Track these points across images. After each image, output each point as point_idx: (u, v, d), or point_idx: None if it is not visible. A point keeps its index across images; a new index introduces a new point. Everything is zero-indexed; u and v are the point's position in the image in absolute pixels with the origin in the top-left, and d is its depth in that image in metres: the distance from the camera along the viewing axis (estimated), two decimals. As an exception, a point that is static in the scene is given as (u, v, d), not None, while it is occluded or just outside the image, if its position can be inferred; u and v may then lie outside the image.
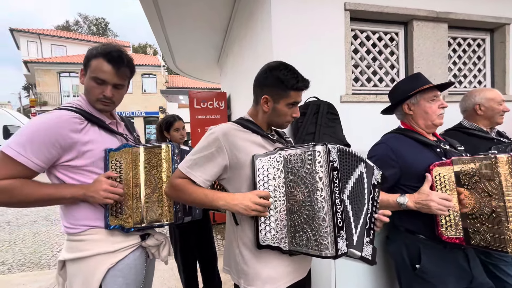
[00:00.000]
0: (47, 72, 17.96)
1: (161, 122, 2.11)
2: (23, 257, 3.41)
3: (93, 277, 0.98)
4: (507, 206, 1.00)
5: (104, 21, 34.05)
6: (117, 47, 1.04)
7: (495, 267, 1.50)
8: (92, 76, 1.01)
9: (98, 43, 1.09)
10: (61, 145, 0.94)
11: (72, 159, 0.97)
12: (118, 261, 1.02)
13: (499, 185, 1.02)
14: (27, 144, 0.89)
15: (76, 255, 0.99)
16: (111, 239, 1.03)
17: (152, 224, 1.06)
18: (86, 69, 1.03)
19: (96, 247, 1.00)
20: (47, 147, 0.91)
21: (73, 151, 0.96)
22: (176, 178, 0.97)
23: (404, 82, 1.39)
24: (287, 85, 0.97)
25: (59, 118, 0.95)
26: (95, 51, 1.01)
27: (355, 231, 0.91)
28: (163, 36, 4.09)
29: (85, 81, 1.04)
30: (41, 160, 0.91)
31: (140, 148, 1.08)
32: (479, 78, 2.49)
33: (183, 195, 0.95)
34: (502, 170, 1.01)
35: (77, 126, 0.97)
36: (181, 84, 19.74)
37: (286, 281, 0.97)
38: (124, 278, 1.03)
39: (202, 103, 4.28)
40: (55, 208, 5.80)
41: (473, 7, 2.28)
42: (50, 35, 21.38)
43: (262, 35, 2.17)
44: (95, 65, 1.00)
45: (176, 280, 2.57)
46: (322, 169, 0.84)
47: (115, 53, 1.01)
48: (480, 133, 1.64)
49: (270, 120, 1.05)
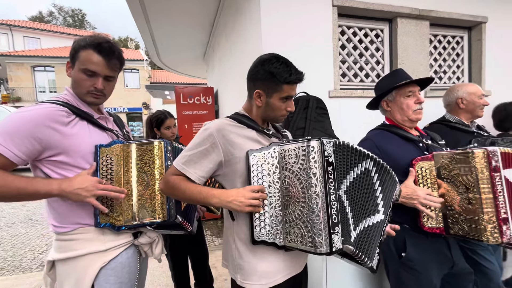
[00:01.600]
0: (20, 66, 16.92)
1: (151, 118, 2.03)
2: (1, 261, 3.24)
3: (85, 277, 0.96)
4: (482, 198, 1.07)
5: (81, 12, 32.45)
6: (106, 38, 1.01)
7: (473, 252, 1.60)
8: (82, 68, 0.97)
9: (75, 36, 1.05)
10: (44, 138, 0.89)
11: (57, 154, 0.93)
12: (110, 260, 0.99)
13: (475, 178, 1.08)
14: (6, 134, 0.85)
15: (66, 255, 0.96)
16: (102, 237, 1.00)
17: (144, 222, 1.04)
18: (74, 61, 0.99)
19: (87, 246, 0.97)
20: (28, 139, 0.87)
21: (58, 145, 0.92)
22: (171, 175, 0.95)
23: (384, 79, 1.43)
24: (279, 79, 0.95)
25: (43, 110, 0.91)
26: (83, 42, 0.97)
27: (354, 227, 0.89)
28: (148, 30, 3.96)
29: (73, 74, 1.00)
30: (22, 151, 0.87)
31: (132, 144, 1.05)
32: (458, 74, 2.61)
33: (178, 192, 0.93)
34: (478, 164, 1.07)
35: (63, 119, 0.93)
36: (165, 79, 19.23)
37: (282, 276, 0.98)
38: (116, 277, 1.01)
39: (189, 98, 4.21)
40: (34, 209, 5.54)
41: (453, 6, 2.37)
42: (22, 26, 20.12)
43: (250, 30, 2.16)
44: (84, 57, 0.97)
45: (167, 278, 2.55)
46: (316, 164, 0.83)
47: (106, 44, 0.98)
48: (461, 127, 1.74)
49: (264, 115, 1.03)
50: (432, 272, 1.26)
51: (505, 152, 1.10)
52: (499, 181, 1.06)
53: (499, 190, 1.06)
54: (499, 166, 1.06)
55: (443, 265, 1.29)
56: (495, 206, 1.06)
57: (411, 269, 1.28)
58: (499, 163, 1.07)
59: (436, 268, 1.27)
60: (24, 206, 5.78)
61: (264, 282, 0.95)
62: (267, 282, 0.95)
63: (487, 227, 1.06)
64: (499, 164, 1.06)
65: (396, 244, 1.33)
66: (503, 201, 1.06)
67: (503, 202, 1.06)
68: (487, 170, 1.07)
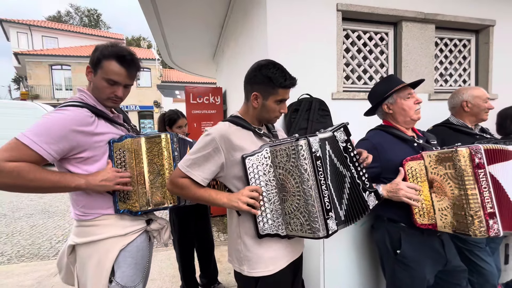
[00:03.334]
0: (38, 65, 17.59)
1: (164, 118, 2.14)
2: (21, 249, 3.46)
3: (107, 258, 1.08)
4: (468, 194, 1.12)
5: (96, 12, 33.28)
6: (128, 50, 1.11)
7: (470, 252, 1.63)
8: (105, 78, 1.07)
9: (91, 35, 1.16)
10: (74, 139, 1.00)
11: (83, 151, 1.04)
12: (128, 243, 1.12)
13: (460, 175, 1.13)
14: (42, 135, 0.94)
15: (89, 239, 1.08)
16: (121, 223, 1.12)
17: (158, 207, 1.15)
18: (96, 68, 1.08)
19: (109, 231, 1.09)
20: (60, 140, 0.97)
21: (84, 144, 1.04)
22: (178, 177, 1.04)
23: (380, 85, 1.49)
24: (275, 83, 1.03)
25: (72, 115, 1.01)
26: (107, 52, 1.06)
27: (341, 207, 0.98)
28: (159, 31, 4.10)
29: (95, 80, 1.09)
30: (54, 151, 0.97)
31: (142, 138, 1.16)
32: (464, 77, 2.61)
33: (187, 194, 1.04)
34: (461, 162, 1.12)
35: (88, 119, 1.04)
36: (176, 78, 19.56)
37: (285, 260, 1.07)
38: (132, 259, 1.13)
39: (198, 98, 4.33)
40: (51, 202, 5.82)
41: (460, 9, 2.38)
42: (41, 26, 20.86)
43: (257, 33, 2.24)
44: (108, 67, 1.06)
45: (173, 269, 2.67)
46: (306, 161, 0.91)
47: (129, 57, 1.08)
48: (465, 129, 1.76)
49: (260, 116, 1.11)
50: (425, 268, 1.32)
51: (489, 149, 1.14)
52: (484, 177, 1.10)
53: (483, 186, 1.10)
54: (483, 163, 1.11)
55: (436, 262, 1.33)
56: (481, 202, 1.10)
57: (405, 266, 1.34)
58: (483, 160, 1.11)
59: (430, 264, 1.32)
60: (42, 199, 6.08)
61: (270, 268, 1.04)
62: (273, 268, 1.04)
63: (474, 221, 1.10)
64: (483, 160, 1.11)
65: (391, 241, 1.39)
66: (488, 196, 1.10)
67: (488, 198, 1.10)
68: (470, 167, 1.12)
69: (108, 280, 1.08)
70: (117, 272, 1.10)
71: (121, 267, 1.10)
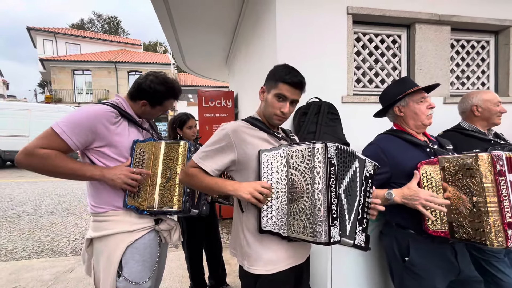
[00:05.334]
0: (62, 70, 18.55)
1: (175, 120, 2.23)
2: (42, 245, 3.64)
3: (115, 253, 1.14)
4: (487, 201, 1.07)
5: (116, 19, 34.72)
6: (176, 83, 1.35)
7: (487, 263, 1.56)
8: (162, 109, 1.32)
9: (111, 41, 1.29)
10: (97, 132, 1.12)
11: (103, 146, 1.15)
12: (135, 240, 1.17)
13: (480, 182, 1.09)
14: (71, 126, 1.08)
15: (101, 233, 1.16)
16: (129, 219, 1.18)
17: (162, 210, 1.19)
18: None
19: (118, 226, 1.16)
20: (86, 131, 1.10)
21: (104, 138, 1.14)
22: (190, 167, 1.09)
23: (393, 86, 1.46)
24: (276, 76, 1.08)
25: (101, 110, 1.14)
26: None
27: (349, 222, 0.99)
28: (174, 37, 4.23)
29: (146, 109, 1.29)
30: (79, 141, 1.10)
31: (162, 142, 1.24)
32: (483, 79, 2.51)
33: (195, 181, 1.06)
34: (482, 168, 1.08)
35: (112, 119, 1.16)
36: (190, 82, 19.99)
37: (285, 264, 1.07)
38: (140, 255, 1.18)
39: (210, 101, 4.41)
40: (70, 201, 6.08)
41: (477, 10, 2.30)
42: (65, 33, 22.03)
43: (267, 37, 2.27)
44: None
45: (183, 270, 2.71)
46: (320, 164, 0.92)
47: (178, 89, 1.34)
48: (477, 134, 1.70)
49: (265, 111, 1.14)
50: (435, 278, 1.27)
51: (511, 157, 1.10)
52: (504, 185, 1.05)
53: (504, 194, 1.05)
54: (504, 170, 1.06)
55: (448, 271, 1.28)
56: (500, 210, 1.05)
57: (414, 274, 1.30)
58: (504, 167, 1.06)
59: (441, 274, 1.28)
60: (62, 197, 6.36)
61: (269, 268, 1.05)
62: (272, 268, 1.05)
63: (492, 230, 1.05)
64: (504, 168, 1.06)
65: (400, 248, 1.36)
66: (508, 205, 1.05)
67: (508, 207, 1.05)
68: (491, 174, 1.07)
69: (117, 275, 1.13)
70: (124, 268, 1.15)
71: (128, 263, 1.15)
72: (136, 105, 1.27)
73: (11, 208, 5.43)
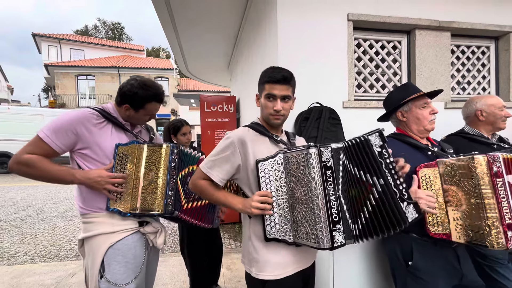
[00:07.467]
0: (66, 75, 18.76)
1: (169, 126, 2.23)
2: (43, 249, 3.64)
3: (98, 253, 1.16)
4: (485, 203, 1.07)
5: (120, 25, 35.20)
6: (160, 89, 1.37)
7: (491, 269, 1.55)
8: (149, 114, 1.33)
9: (114, 47, 1.33)
10: (78, 133, 1.15)
11: (85, 148, 1.17)
12: (116, 241, 1.18)
13: (477, 184, 1.09)
14: (54, 129, 1.11)
15: (87, 234, 1.18)
16: (111, 221, 1.20)
17: (144, 213, 1.20)
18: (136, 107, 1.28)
19: (100, 228, 1.18)
20: (68, 133, 1.13)
21: (86, 140, 1.16)
22: (199, 179, 1.11)
23: (396, 92, 1.48)
24: (262, 80, 1.12)
25: (81, 113, 1.18)
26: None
27: (354, 221, 0.93)
28: (177, 43, 4.29)
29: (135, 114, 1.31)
30: (63, 144, 1.13)
31: (145, 145, 1.24)
32: (483, 85, 2.52)
33: (205, 195, 1.11)
34: (479, 170, 1.08)
35: (93, 120, 1.18)
36: (193, 87, 20.12)
37: (293, 268, 1.07)
38: (123, 257, 1.18)
39: (212, 106, 4.44)
40: (72, 205, 6.09)
41: (477, 16, 2.32)
42: (69, 39, 22.32)
43: (268, 43, 2.30)
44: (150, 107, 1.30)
45: (185, 275, 2.70)
46: (314, 170, 0.91)
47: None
48: (481, 139, 1.69)
49: (264, 116, 1.17)
50: (439, 282, 1.26)
51: (509, 158, 1.10)
52: (502, 186, 1.06)
53: (502, 196, 1.06)
54: (501, 172, 1.07)
55: (451, 276, 1.28)
56: (499, 212, 1.05)
57: (418, 278, 1.29)
58: (501, 169, 1.07)
59: (444, 278, 1.27)
60: (64, 202, 6.38)
61: (277, 273, 1.05)
62: (280, 273, 1.05)
63: (492, 232, 1.05)
64: (501, 169, 1.07)
65: (403, 252, 1.35)
66: (507, 206, 1.05)
67: (507, 208, 1.05)
68: (488, 176, 1.07)
69: (99, 275, 1.15)
70: (106, 269, 1.16)
71: (111, 264, 1.16)
72: (121, 109, 1.28)
73: (13, 212, 5.45)
